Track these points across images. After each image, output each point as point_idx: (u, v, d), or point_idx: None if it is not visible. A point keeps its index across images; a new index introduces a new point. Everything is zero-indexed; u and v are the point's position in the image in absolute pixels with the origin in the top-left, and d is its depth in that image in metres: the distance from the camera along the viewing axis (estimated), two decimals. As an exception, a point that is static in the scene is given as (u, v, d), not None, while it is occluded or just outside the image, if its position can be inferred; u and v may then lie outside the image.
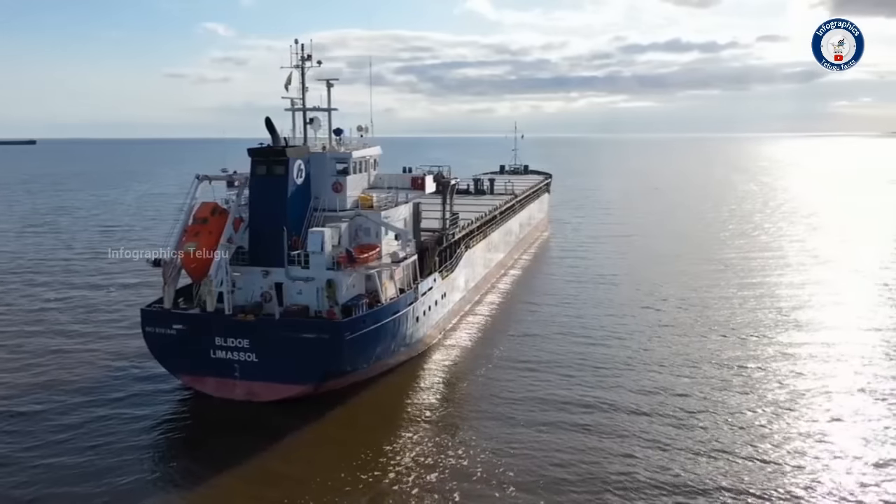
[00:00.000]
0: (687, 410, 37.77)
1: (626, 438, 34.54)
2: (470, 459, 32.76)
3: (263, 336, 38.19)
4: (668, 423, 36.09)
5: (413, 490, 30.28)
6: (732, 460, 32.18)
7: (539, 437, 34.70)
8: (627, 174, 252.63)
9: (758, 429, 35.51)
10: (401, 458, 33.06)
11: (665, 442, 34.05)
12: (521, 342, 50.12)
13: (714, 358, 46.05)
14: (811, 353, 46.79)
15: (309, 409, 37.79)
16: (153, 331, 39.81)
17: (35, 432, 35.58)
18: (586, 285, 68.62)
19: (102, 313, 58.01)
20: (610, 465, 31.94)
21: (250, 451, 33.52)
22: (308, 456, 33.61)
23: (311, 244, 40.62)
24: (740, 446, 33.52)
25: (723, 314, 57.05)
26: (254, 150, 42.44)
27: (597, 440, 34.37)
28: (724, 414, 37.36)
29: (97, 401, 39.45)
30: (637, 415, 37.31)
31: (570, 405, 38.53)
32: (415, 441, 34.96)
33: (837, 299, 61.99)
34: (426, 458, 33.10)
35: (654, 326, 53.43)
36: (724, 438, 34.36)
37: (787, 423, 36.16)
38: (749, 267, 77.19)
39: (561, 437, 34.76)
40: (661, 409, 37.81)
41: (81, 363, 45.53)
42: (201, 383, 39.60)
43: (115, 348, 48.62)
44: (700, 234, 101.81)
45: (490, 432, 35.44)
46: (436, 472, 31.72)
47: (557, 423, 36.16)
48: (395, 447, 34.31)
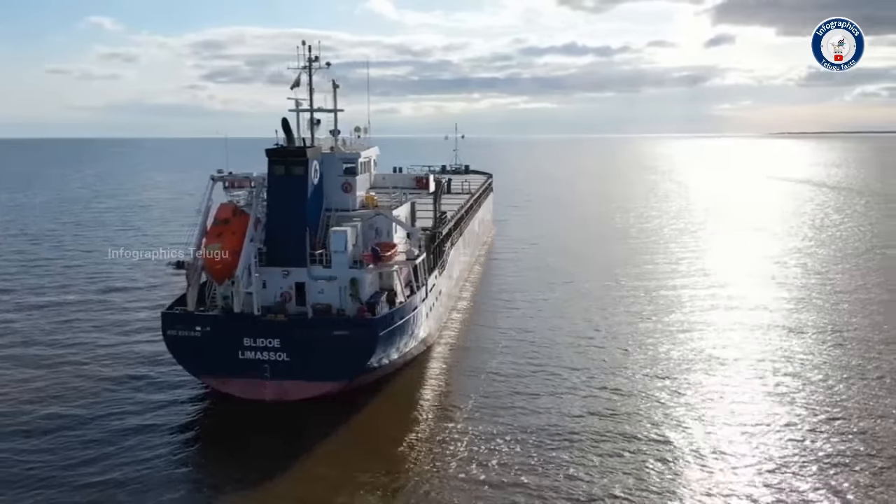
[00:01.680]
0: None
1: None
2: (498, 452, 33.66)
3: (296, 335, 38.36)
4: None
5: (448, 486, 30.79)
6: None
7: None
8: (548, 173, 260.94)
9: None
10: (430, 453, 33.72)
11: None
12: (514, 335, 52.23)
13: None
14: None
15: (332, 407, 38.08)
16: (175, 334, 39.16)
17: (66, 447, 34.42)
18: (537, 278, 72.29)
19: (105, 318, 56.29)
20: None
21: (284, 452, 33.68)
22: (341, 454, 33.83)
23: (335, 244, 41.12)
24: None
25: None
26: (272, 150, 42.46)
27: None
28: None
29: (118, 413, 38.37)
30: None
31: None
32: (444, 437, 35.54)
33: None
34: (456, 453, 33.66)
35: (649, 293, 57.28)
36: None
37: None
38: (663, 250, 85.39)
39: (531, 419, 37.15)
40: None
41: (89, 374, 44.04)
42: (227, 385, 39.28)
43: (121, 354, 47.60)
44: (627, 232, 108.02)
45: (518, 423, 36.81)
46: (471, 465, 32.41)
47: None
48: (423, 442, 34.99)
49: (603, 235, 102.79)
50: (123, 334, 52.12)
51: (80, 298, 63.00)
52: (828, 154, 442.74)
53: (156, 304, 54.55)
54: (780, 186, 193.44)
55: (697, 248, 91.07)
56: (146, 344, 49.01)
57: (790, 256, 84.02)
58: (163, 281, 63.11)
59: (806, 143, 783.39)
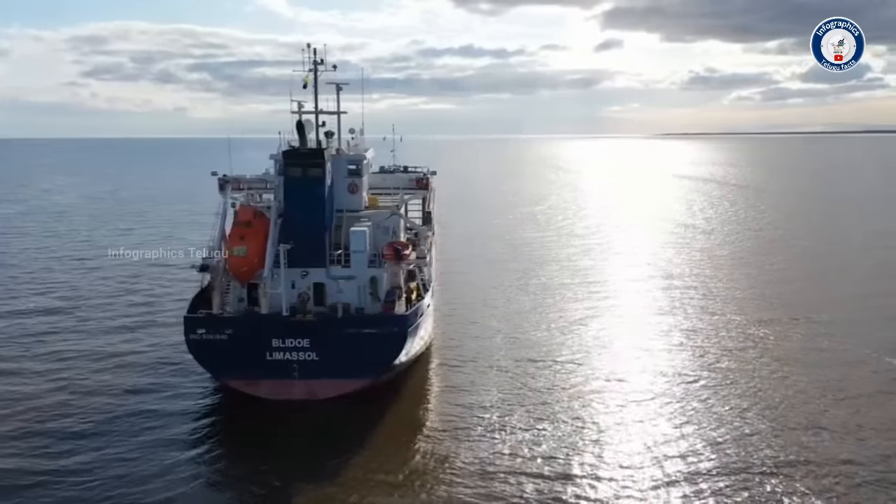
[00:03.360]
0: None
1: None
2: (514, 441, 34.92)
3: (326, 335, 38.90)
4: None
5: (469, 483, 31.14)
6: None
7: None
8: (457, 174, 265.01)
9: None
10: (448, 450, 34.13)
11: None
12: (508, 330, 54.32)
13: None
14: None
15: (352, 405, 38.60)
16: (199, 337, 38.83)
17: (92, 450, 33.91)
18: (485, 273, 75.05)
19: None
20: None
21: (309, 450, 34.10)
22: (362, 452, 34.06)
23: (355, 243, 41.89)
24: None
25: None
26: (288, 152, 42.64)
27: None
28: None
29: (138, 420, 37.55)
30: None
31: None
32: (470, 434, 36.08)
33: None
34: (474, 448, 34.30)
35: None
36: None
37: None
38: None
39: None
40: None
41: (103, 383, 42.79)
42: (255, 387, 39.24)
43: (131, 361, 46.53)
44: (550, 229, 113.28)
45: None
46: (488, 460, 32.95)
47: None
48: (446, 440, 35.37)
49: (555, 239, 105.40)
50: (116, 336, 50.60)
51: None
52: (712, 154, 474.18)
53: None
54: (675, 182, 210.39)
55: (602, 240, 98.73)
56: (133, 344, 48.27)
57: (692, 243, 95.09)
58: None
59: (690, 143, 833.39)
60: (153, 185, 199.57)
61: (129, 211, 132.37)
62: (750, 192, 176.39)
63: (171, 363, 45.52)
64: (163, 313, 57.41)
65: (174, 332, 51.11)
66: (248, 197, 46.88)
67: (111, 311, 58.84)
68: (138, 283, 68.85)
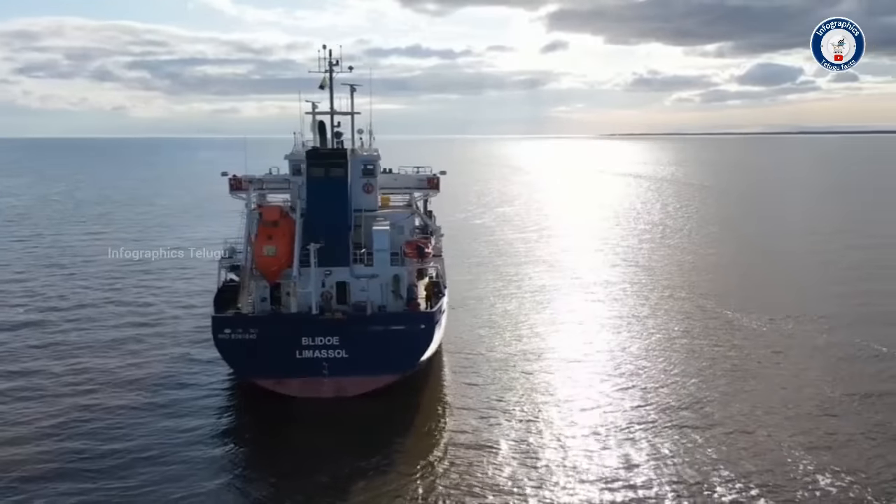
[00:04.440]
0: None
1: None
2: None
3: (356, 332, 39.40)
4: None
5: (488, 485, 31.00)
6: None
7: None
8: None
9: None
10: (469, 449, 34.16)
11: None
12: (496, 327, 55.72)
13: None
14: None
15: (371, 403, 39.00)
16: (228, 337, 38.96)
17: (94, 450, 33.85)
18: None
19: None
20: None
21: (333, 448, 34.12)
22: (394, 448, 34.24)
23: (378, 242, 42.49)
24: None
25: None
26: (311, 151, 43.03)
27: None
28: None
29: (157, 418, 37.62)
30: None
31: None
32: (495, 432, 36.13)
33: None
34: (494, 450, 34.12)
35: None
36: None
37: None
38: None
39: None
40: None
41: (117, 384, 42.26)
42: (284, 385, 39.52)
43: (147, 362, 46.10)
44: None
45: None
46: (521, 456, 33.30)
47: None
48: (469, 437, 35.51)
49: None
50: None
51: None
52: (657, 154, 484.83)
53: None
54: (630, 181, 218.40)
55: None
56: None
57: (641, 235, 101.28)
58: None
59: (635, 143, 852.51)
60: (108, 186, 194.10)
61: (93, 213, 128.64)
62: (695, 189, 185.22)
63: (191, 360, 45.79)
64: (173, 314, 57.67)
65: (190, 332, 51.89)
66: (260, 197, 47.03)
67: (125, 314, 58.24)
68: (150, 283, 68.86)
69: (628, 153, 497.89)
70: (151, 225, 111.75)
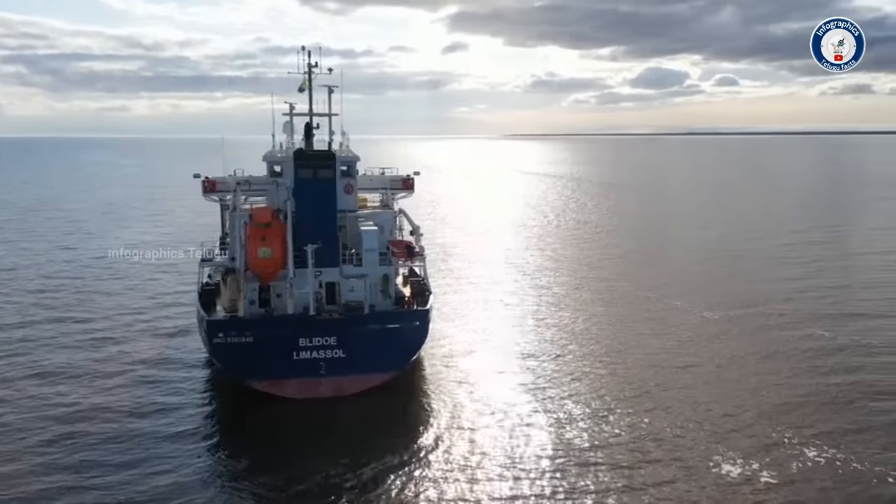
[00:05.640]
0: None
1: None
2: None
3: (352, 332, 39.84)
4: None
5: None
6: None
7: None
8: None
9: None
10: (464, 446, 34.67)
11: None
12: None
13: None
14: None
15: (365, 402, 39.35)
16: (224, 341, 38.52)
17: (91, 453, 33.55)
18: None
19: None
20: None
21: (328, 449, 34.07)
22: (373, 450, 33.91)
23: (368, 242, 42.97)
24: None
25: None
26: (299, 153, 42.90)
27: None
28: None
29: (150, 424, 36.94)
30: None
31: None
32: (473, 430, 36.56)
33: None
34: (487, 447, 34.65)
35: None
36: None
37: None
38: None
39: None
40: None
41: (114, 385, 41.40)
42: (281, 387, 39.45)
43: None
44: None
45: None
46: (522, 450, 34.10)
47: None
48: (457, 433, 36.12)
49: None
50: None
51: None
52: (560, 154, 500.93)
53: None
54: (527, 178, 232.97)
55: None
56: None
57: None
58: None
59: (536, 143, 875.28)
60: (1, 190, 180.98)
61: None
62: (609, 187, 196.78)
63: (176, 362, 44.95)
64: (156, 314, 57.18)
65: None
66: (235, 198, 46.43)
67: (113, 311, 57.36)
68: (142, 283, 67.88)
69: (534, 153, 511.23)
70: (70, 230, 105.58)
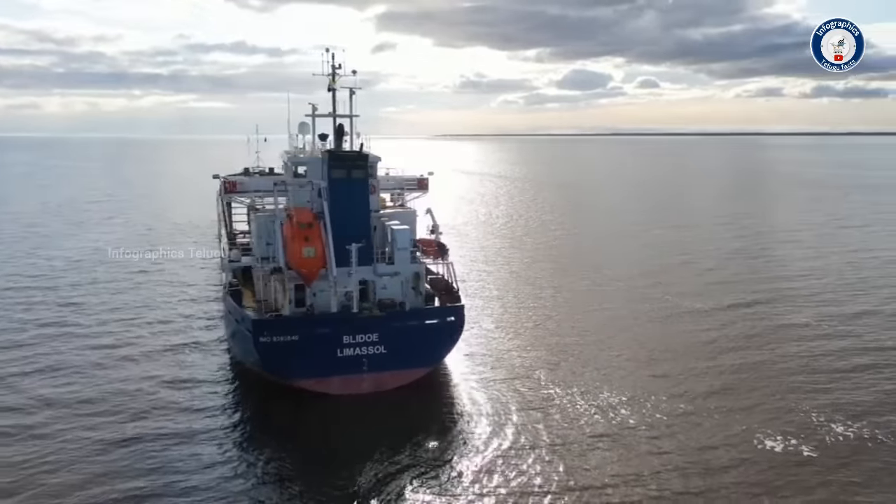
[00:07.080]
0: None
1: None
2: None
3: (394, 328, 40.93)
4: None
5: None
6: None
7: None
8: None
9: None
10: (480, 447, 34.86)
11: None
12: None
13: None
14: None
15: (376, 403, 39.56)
16: (269, 340, 38.94)
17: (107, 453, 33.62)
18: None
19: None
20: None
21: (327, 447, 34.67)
22: (385, 450, 34.09)
23: (401, 241, 43.99)
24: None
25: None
26: (331, 152, 43.57)
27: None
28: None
29: (176, 417, 37.48)
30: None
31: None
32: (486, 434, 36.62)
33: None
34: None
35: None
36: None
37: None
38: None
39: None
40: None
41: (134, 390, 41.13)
42: (325, 385, 40.21)
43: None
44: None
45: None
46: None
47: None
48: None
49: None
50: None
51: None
52: (498, 154, 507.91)
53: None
54: (467, 177, 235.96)
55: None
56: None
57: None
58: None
59: (466, 143, 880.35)
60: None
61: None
62: (546, 185, 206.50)
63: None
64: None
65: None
66: (253, 200, 46.82)
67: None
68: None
69: (468, 153, 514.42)
70: (26, 235, 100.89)
